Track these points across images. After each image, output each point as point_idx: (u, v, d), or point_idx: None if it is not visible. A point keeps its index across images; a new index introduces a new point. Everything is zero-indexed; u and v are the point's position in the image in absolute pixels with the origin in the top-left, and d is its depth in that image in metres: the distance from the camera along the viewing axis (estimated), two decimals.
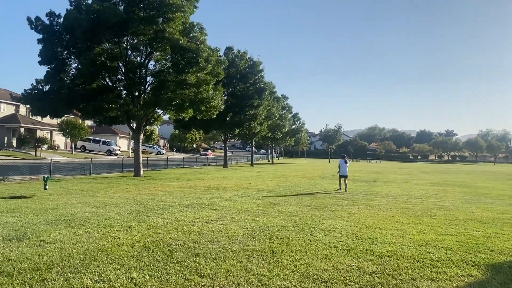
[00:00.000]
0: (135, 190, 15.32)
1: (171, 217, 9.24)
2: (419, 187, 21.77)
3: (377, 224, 9.29)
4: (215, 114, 24.94)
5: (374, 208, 12.14)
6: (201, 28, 22.09)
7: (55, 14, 21.61)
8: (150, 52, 22.29)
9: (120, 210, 10.11)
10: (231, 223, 8.70)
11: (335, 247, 6.86)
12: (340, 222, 9.30)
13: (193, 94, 21.55)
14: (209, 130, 41.23)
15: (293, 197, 14.52)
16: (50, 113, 22.03)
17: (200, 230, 7.87)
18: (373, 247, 6.92)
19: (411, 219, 10.12)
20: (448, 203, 14.37)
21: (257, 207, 11.58)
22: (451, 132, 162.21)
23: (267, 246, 6.73)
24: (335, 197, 14.90)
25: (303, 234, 7.77)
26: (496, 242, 7.65)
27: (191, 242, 6.83)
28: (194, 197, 13.45)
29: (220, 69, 23.52)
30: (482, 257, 6.52)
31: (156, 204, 11.51)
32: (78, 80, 21.78)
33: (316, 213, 10.62)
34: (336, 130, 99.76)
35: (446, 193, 18.31)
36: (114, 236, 7.14)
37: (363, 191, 17.88)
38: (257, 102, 37.41)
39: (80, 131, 48.95)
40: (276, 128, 52.95)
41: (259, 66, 38.14)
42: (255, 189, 17.45)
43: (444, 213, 11.43)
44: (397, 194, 17.25)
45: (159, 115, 25.47)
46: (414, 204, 13.69)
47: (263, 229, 8.14)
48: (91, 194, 13.88)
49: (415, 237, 7.92)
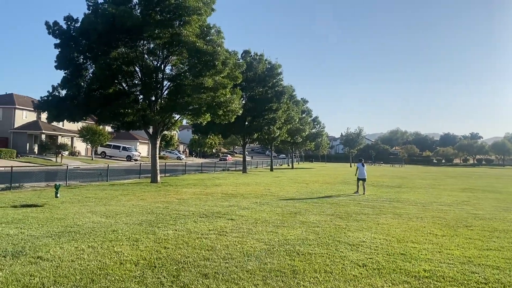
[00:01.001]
0: (149, 198, 14.77)
1: (183, 229, 8.57)
2: (448, 193, 20.62)
3: (408, 236, 8.42)
4: (233, 118, 24.32)
5: (403, 217, 11.23)
6: (218, 31, 21.53)
7: (73, 18, 21.37)
8: (166, 56, 21.84)
9: (130, 221, 9.51)
10: (247, 236, 7.98)
11: (364, 265, 6.05)
12: (368, 234, 8.46)
13: (210, 98, 20.98)
14: (228, 134, 40.68)
15: (314, 205, 13.70)
16: (67, 118, 21.80)
17: (213, 244, 7.16)
18: (408, 266, 6.09)
19: (446, 230, 9.20)
20: (482, 211, 13.32)
21: (276, 216, 10.83)
22: (476, 135, 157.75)
23: (287, 264, 5.97)
24: (360, 205, 14.02)
25: (327, 250, 6.98)
26: None
27: (201, 259, 6.13)
28: (210, 205, 12.79)
29: (237, 73, 22.88)
30: None
31: (169, 213, 10.88)
32: (95, 85, 21.48)
33: (341, 224, 9.80)
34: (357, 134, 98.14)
35: (478, 200, 17.18)
36: (118, 251, 6.50)
37: (389, 198, 16.90)
38: (276, 106, 36.65)
39: (100, 137, 49.09)
40: (296, 132, 52.00)
41: (278, 69, 37.42)
42: (274, 196, 16.69)
43: (480, 223, 10.44)
44: (426, 201, 16.22)
45: (176, 120, 24.98)
46: (446, 212, 12.71)
47: (283, 243, 7.38)
48: (104, 202, 13.38)
49: (454, 252, 7.04)
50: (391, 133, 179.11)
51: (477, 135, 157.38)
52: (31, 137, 49.47)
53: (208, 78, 20.20)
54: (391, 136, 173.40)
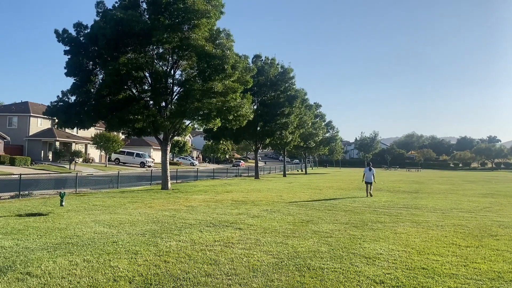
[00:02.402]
0: (158, 205, 14.35)
1: (188, 239, 8.08)
2: (468, 198, 19.78)
3: (429, 247, 7.78)
4: (244, 123, 23.85)
5: (422, 226, 10.57)
6: (228, 35, 21.14)
7: (83, 25, 21.20)
8: (176, 60, 21.52)
9: (133, 231, 9.07)
10: (255, 247, 7.45)
11: (382, 282, 5.47)
12: (385, 246, 7.85)
13: (220, 102, 20.56)
14: (240, 140, 40.19)
15: (328, 212, 13.10)
16: (76, 125, 21.60)
17: (217, 257, 6.65)
18: (431, 283, 5.49)
19: (470, 241, 8.53)
20: (507, 218, 12.55)
21: (287, 225, 10.27)
22: (494, 138, 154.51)
23: (296, 281, 5.43)
24: (376, 212, 13.36)
25: (341, 263, 6.41)
26: None
27: (203, 276, 5.62)
28: (219, 213, 12.29)
29: (248, 77, 22.42)
30: None
31: (175, 222, 10.42)
32: (104, 91, 21.22)
33: (356, 233, 9.20)
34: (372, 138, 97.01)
35: (501, 206, 16.35)
36: (114, 266, 6.04)
37: (406, 204, 16.19)
38: (288, 110, 36.07)
39: (113, 144, 49.18)
40: (309, 136, 51.31)
41: (290, 73, 36.89)
42: (286, 202, 16.13)
43: (507, 232, 9.73)
44: (445, 207, 15.47)
45: (187, 126, 24.62)
46: (468, 220, 11.99)
47: (292, 256, 6.83)
48: (111, 210, 13.00)
49: (481, 266, 6.40)
50: (407, 137, 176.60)
51: (495, 139, 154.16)
52: (45, 144, 49.79)
53: (218, 83, 19.79)
54: (407, 140, 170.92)
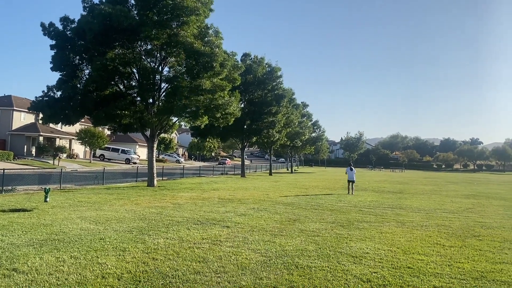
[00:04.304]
0: (144, 202, 14.27)
1: (175, 237, 8.08)
2: (451, 199, 20.11)
3: (414, 247, 7.92)
4: (231, 121, 23.84)
5: (406, 226, 10.73)
6: (217, 32, 21.09)
7: (69, 19, 20.90)
8: (164, 57, 21.39)
9: (120, 227, 9.01)
10: (243, 245, 7.48)
11: (368, 281, 5.56)
12: (371, 245, 7.96)
13: (208, 100, 20.50)
14: (227, 138, 40.13)
15: (314, 211, 13.20)
16: (61, 120, 21.30)
17: (205, 255, 6.66)
18: (416, 282, 5.59)
19: (453, 241, 8.69)
20: (489, 219, 12.82)
21: (274, 223, 10.33)
22: (476, 140, 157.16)
23: (284, 280, 5.48)
24: (362, 212, 13.51)
25: (328, 262, 6.48)
26: None
27: (191, 273, 5.63)
28: (206, 211, 12.29)
29: (236, 75, 22.42)
30: None
31: (162, 219, 10.38)
32: (91, 86, 20.99)
33: (342, 232, 9.30)
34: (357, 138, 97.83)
35: (483, 207, 16.67)
36: (102, 263, 6.01)
37: (391, 204, 16.40)
38: (276, 109, 36.18)
39: (98, 140, 48.59)
40: (295, 136, 51.50)
41: (278, 72, 36.96)
42: (273, 201, 16.19)
43: (489, 233, 9.94)
44: (429, 208, 15.72)
45: (174, 123, 24.49)
46: (451, 220, 12.21)
47: (280, 255, 6.88)
48: (97, 206, 12.89)
49: (465, 266, 6.54)
50: (392, 138, 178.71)
51: (477, 141, 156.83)
52: (29, 139, 48.96)
53: (206, 80, 19.73)
54: (392, 141, 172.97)
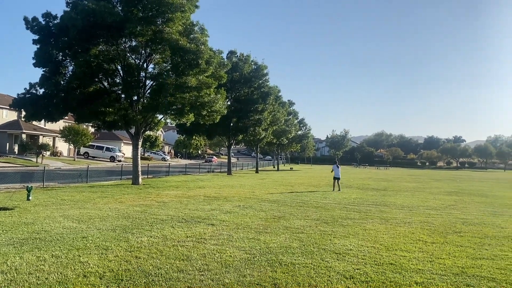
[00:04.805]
0: (128, 201, 14.16)
1: (159, 235, 8.03)
2: (434, 196, 20.40)
3: (397, 243, 8.01)
4: (217, 118, 23.79)
5: (390, 222, 10.85)
6: (202, 29, 20.98)
7: (52, 15, 20.59)
8: (149, 54, 21.19)
9: (103, 226, 8.92)
10: (227, 243, 7.47)
11: (351, 277, 5.61)
12: (355, 242, 8.03)
13: (194, 98, 20.40)
14: (213, 135, 40.08)
15: (299, 209, 13.26)
16: (44, 117, 20.99)
17: (189, 253, 6.64)
18: (398, 278, 5.66)
19: (435, 237, 8.82)
20: (470, 215, 13.04)
21: (259, 221, 10.34)
22: (459, 138, 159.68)
23: (268, 277, 5.49)
24: (346, 209, 13.62)
25: (312, 259, 6.52)
26: None
27: (175, 271, 5.61)
28: (191, 209, 12.24)
29: (222, 72, 22.35)
30: None
31: (146, 217, 10.31)
32: (74, 83, 20.71)
33: (326, 229, 9.36)
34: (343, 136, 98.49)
35: (465, 204, 16.95)
36: (84, 261, 5.94)
37: (375, 201, 16.57)
38: (262, 107, 36.21)
39: (83, 138, 47.96)
40: (282, 133, 51.66)
41: (264, 70, 36.99)
42: (259, 199, 16.21)
43: (470, 229, 10.11)
44: (412, 204, 15.92)
45: (159, 120, 24.32)
46: (434, 217, 12.39)
47: (265, 252, 6.89)
48: (80, 205, 12.74)
49: (446, 262, 6.64)
50: (376, 136, 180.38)
51: (460, 139, 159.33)
52: (11, 136, 48.09)
53: (192, 77, 19.63)
54: (376, 139, 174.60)
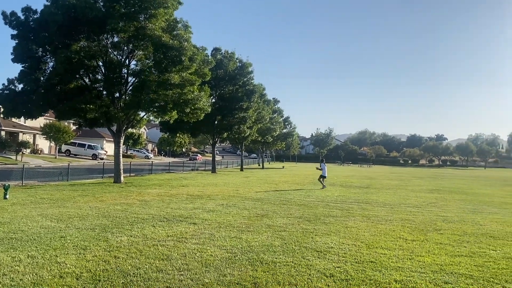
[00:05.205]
0: (109, 199, 13.96)
1: (140, 234, 7.92)
2: (416, 194, 20.65)
3: (378, 241, 8.06)
4: (201, 116, 23.64)
5: (371, 220, 10.93)
6: (186, 26, 20.82)
7: (32, 9, 20.15)
8: (131, 50, 20.93)
9: (83, 225, 8.77)
10: (208, 242, 7.41)
11: (331, 275, 5.61)
12: (336, 239, 8.06)
13: (177, 95, 20.22)
14: (197, 133, 39.81)
15: (283, 207, 13.26)
16: (23, 114, 20.57)
17: (169, 252, 6.56)
18: (378, 275, 5.69)
19: (416, 235, 8.91)
20: (450, 213, 13.22)
21: (242, 219, 10.30)
22: (441, 137, 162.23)
23: (248, 276, 5.46)
24: (329, 206, 13.68)
25: (293, 257, 6.51)
26: None
27: (154, 271, 5.53)
28: (173, 208, 12.13)
29: (206, 70, 22.23)
30: None
31: (127, 216, 10.17)
32: (54, 79, 20.33)
33: (308, 227, 9.37)
34: (327, 134, 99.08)
35: (445, 201, 17.20)
36: (61, 262, 5.82)
37: (358, 199, 16.68)
38: (247, 105, 36.13)
39: (64, 135, 47.18)
40: (267, 131, 51.70)
41: (249, 68, 36.89)
42: (242, 197, 16.16)
43: (450, 226, 10.25)
44: (394, 202, 16.08)
45: (142, 118, 24.07)
46: (415, 214, 12.52)
47: (246, 251, 6.86)
48: (59, 204, 12.51)
49: (425, 259, 6.71)
50: (360, 134, 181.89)
51: (442, 137, 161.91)
52: None
53: (175, 74, 19.46)
54: (360, 137, 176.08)
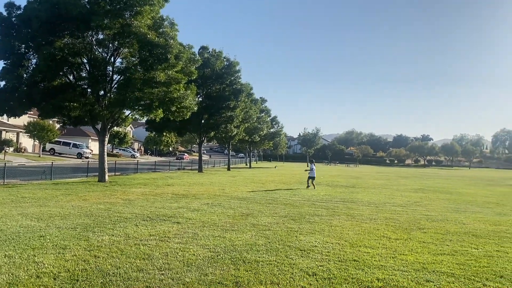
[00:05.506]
0: (93, 198, 13.77)
1: (122, 234, 7.81)
2: (401, 193, 20.81)
3: (361, 240, 8.07)
4: (187, 115, 23.47)
5: (356, 219, 10.96)
6: (172, 23, 20.63)
7: (15, 5, 19.79)
8: (116, 48, 20.67)
9: (64, 224, 8.61)
10: (191, 242, 7.33)
11: (314, 274, 5.59)
12: (320, 238, 8.04)
13: (162, 93, 20.03)
14: (184, 132, 39.56)
15: (268, 206, 13.22)
16: (5, 112, 20.19)
17: (151, 252, 6.47)
18: (360, 274, 5.68)
19: (399, 234, 8.95)
20: (434, 212, 13.34)
21: (227, 218, 10.23)
22: (427, 137, 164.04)
23: (230, 275, 5.40)
24: (314, 206, 13.68)
25: (276, 256, 6.47)
26: (502, 264, 6.51)
27: (134, 270, 5.44)
28: (157, 207, 12.00)
29: (192, 68, 22.07)
30: (492, 287, 5.36)
31: (110, 215, 10.03)
32: (38, 76, 19.98)
33: (293, 226, 9.35)
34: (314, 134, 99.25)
35: (430, 201, 17.36)
36: (38, 261, 5.69)
37: (343, 198, 16.74)
38: (234, 104, 36.01)
39: (48, 133, 46.45)
40: (254, 131, 51.63)
41: (236, 67, 36.76)
42: (228, 196, 16.09)
43: (433, 225, 10.33)
44: (379, 201, 16.17)
45: (127, 116, 23.81)
46: (399, 213, 12.60)
47: (229, 250, 6.80)
48: (41, 202, 12.29)
49: (408, 258, 6.72)
50: (347, 134, 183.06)
51: (427, 137, 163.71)
52: None
53: (160, 72, 19.28)
54: (347, 137, 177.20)
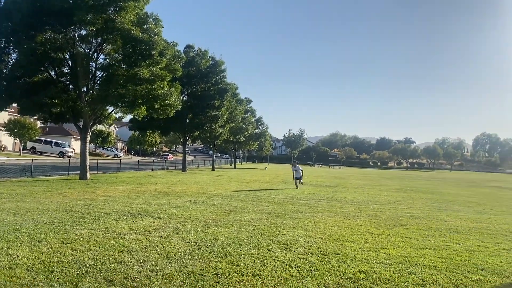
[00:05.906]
0: (73, 195, 13.48)
1: (101, 228, 7.63)
2: (384, 193, 20.95)
3: (344, 235, 8.05)
4: (171, 113, 23.22)
5: (339, 216, 10.95)
6: (156, 20, 20.40)
7: None
8: (100, 43, 20.34)
9: (41, 219, 8.38)
10: (172, 236, 7.20)
11: (296, 266, 5.52)
12: (303, 233, 7.99)
13: (146, 90, 19.77)
14: (168, 131, 39.16)
15: (252, 203, 13.14)
16: None
17: (130, 245, 6.31)
18: (343, 267, 5.63)
19: (382, 229, 8.96)
20: (416, 210, 13.43)
21: (210, 214, 10.11)
22: (409, 140, 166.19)
23: (211, 267, 5.29)
24: (298, 203, 13.65)
25: (259, 250, 6.38)
26: (482, 258, 6.55)
27: (112, 263, 5.29)
28: (139, 204, 11.81)
29: (177, 65, 21.84)
30: (473, 279, 5.37)
31: (90, 211, 9.81)
32: (18, 72, 19.53)
33: (276, 222, 9.28)
34: (299, 135, 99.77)
35: (412, 200, 17.50)
36: (12, 253, 5.49)
37: (327, 197, 16.75)
38: (219, 103, 35.82)
39: (29, 132, 45.55)
40: (239, 131, 51.48)
41: (221, 66, 36.57)
42: (212, 194, 15.95)
43: (415, 222, 10.38)
44: (362, 200, 16.23)
45: (110, 113, 23.45)
46: (382, 211, 12.64)
47: (211, 243, 6.69)
48: (19, 198, 11.96)
49: (390, 252, 6.71)
50: (331, 136, 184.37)
51: (410, 140, 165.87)
52: None
53: (144, 69, 19.03)
54: (331, 139, 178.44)
